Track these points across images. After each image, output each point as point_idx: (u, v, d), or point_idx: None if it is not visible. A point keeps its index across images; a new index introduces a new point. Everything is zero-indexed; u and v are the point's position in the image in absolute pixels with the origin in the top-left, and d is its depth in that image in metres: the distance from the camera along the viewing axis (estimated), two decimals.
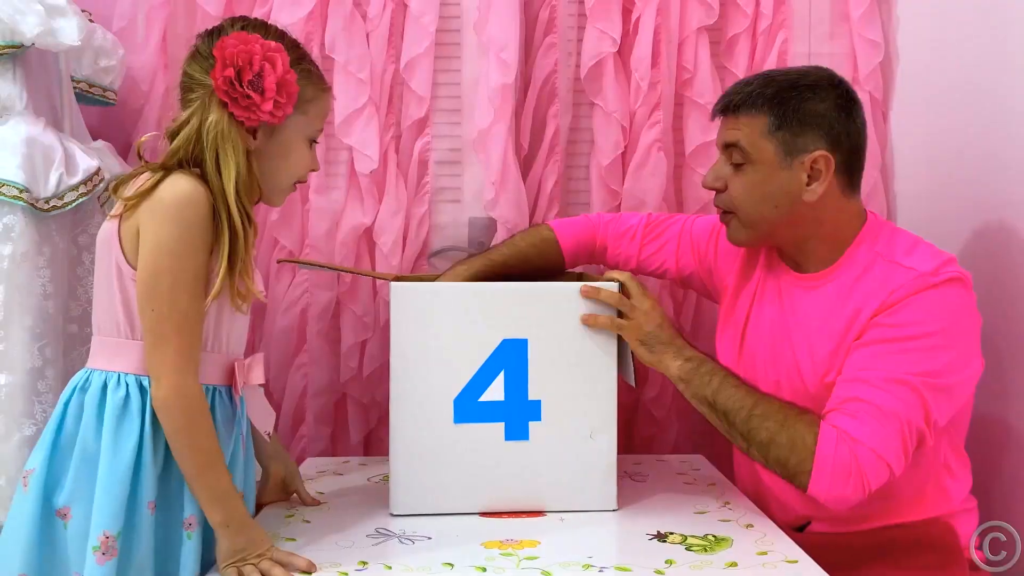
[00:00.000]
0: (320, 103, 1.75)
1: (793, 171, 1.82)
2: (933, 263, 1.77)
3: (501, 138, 2.41)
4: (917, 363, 1.72)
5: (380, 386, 2.50)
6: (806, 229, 1.88)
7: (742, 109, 1.85)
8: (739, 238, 1.93)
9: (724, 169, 1.90)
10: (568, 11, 2.50)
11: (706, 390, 1.84)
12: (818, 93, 1.83)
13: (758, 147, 1.83)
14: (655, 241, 2.20)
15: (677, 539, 1.71)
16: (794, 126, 1.81)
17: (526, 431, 1.87)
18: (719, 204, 1.93)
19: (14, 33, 1.89)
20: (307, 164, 1.76)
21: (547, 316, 1.87)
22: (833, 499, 1.71)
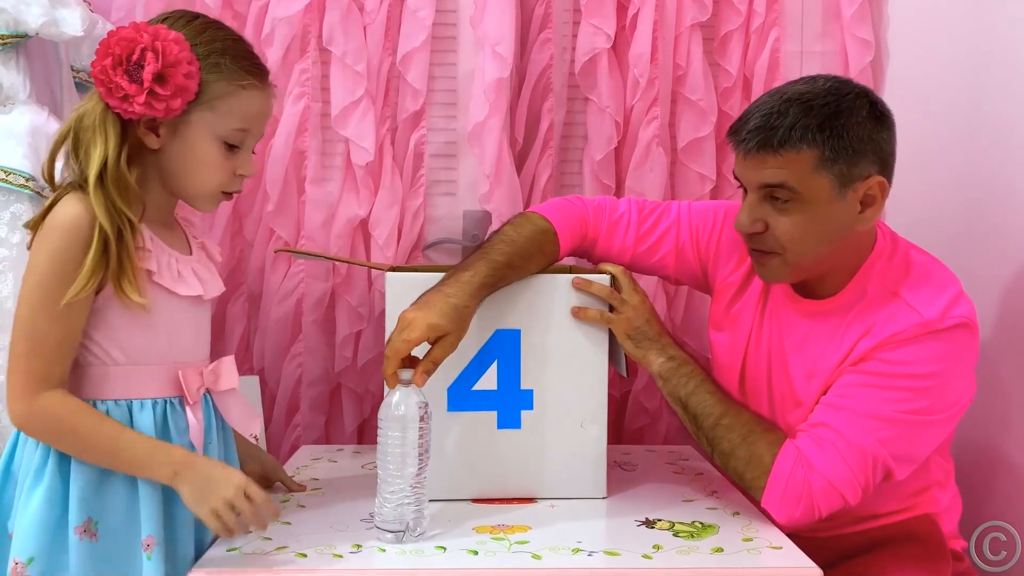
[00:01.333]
0: (234, 100, 1.62)
1: (847, 202, 1.73)
2: (939, 307, 1.73)
3: (496, 132, 2.44)
4: (900, 402, 1.72)
5: (374, 376, 2.53)
6: (839, 258, 1.81)
7: (787, 145, 1.69)
8: (779, 277, 1.84)
9: (761, 209, 1.76)
10: (563, 7, 2.53)
11: (681, 391, 1.87)
12: (862, 112, 1.72)
13: (810, 184, 1.71)
14: (648, 236, 2.04)
15: (665, 525, 1.75)
16: (848, 155, 1.70)
17: (518, 420, 1.91)
18: (757, 246, 1.81)
19: (18, 23, 1.92)
20: (219, 167, 1.64)
21: (540, 307, 1.91)
22: (783, 518, 1.75)
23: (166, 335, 1.63)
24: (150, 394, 1.62)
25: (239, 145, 1.65)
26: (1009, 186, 2.02)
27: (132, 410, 1.60)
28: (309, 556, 1.58)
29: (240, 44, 1.66)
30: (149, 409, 1.61)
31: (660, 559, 1.58)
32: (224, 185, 1.66)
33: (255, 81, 1.65)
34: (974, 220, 2.13)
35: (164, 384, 1.63)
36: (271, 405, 2.55)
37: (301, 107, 2.48)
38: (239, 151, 1.66)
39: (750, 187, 1.78)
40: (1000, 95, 2.06)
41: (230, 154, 1.64)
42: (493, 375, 1.90)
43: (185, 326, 1.67)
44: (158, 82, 1.52)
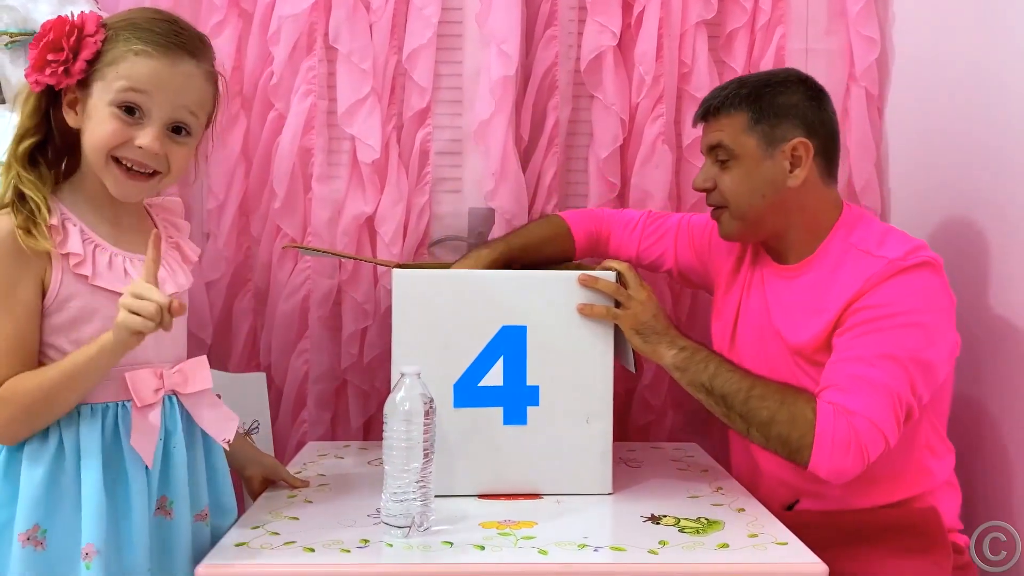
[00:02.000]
0: (124, 63, 1.57)
1: (775, 160, 1.95)
2: (903, 249, 1.85)
3: (501, 129, 2.45)
4: (896, 340, 1.80)
5: (380, 373, 2.54)
6: (790, 217, 1.98)
7: (721, 111, 1.99)
8: (731, 231, 2.03)
9: (711, 170, 2.02)
10: (569, 4, 2.54)
11: (702, 376, 1.89)
12: (788, 87, 1.98)
13: (740, 143, 1.96)
14: (655, 233, 2.30)
15: (670, 521, 1.76)
16: (771, 118, 1.95)
17: (524, 416, 1.91)
18: (711, 203, 2.05)
19: (27, 21, 1.93)
20: (110, 133, 1.57)
21: (546, 304, 1.92)
22: (835, 472, 1.77)
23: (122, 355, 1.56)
24: (100, 399, 1.59)
25: (136, 111, 1.58)
26: (1015, 184, 2.02)
27: (80, 414, 1.57)
28: (316, 551, 1.59)
29: (157, 22, 1.61)
30: (99, 414, 1.58)
31: (666, 554, 1.59)
32: (117, 151, 1.58)
33: (150, 49, 1.58)
34: (979, 217, 2.13)
35: (117, 388, 1.60)
36: (277, 401, 2.56)
37: (307, 105, 2.48)
38: (142, 123, 1.58)
39: (704, 153, 2.06)
40: (1006, 93, 2.06)
41: (128, 120, 1.57)
42: (499, 371, 1.91)
43: None
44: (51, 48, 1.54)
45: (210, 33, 2.37)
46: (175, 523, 1.65)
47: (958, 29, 2.26)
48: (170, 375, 1.66)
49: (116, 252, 1.62)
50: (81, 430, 1.56)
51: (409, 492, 1.65)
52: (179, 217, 1.83)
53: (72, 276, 1.56)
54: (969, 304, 2.10)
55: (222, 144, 2.45)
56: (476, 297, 1.91)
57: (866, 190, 2.52)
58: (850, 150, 2.52)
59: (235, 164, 2.49)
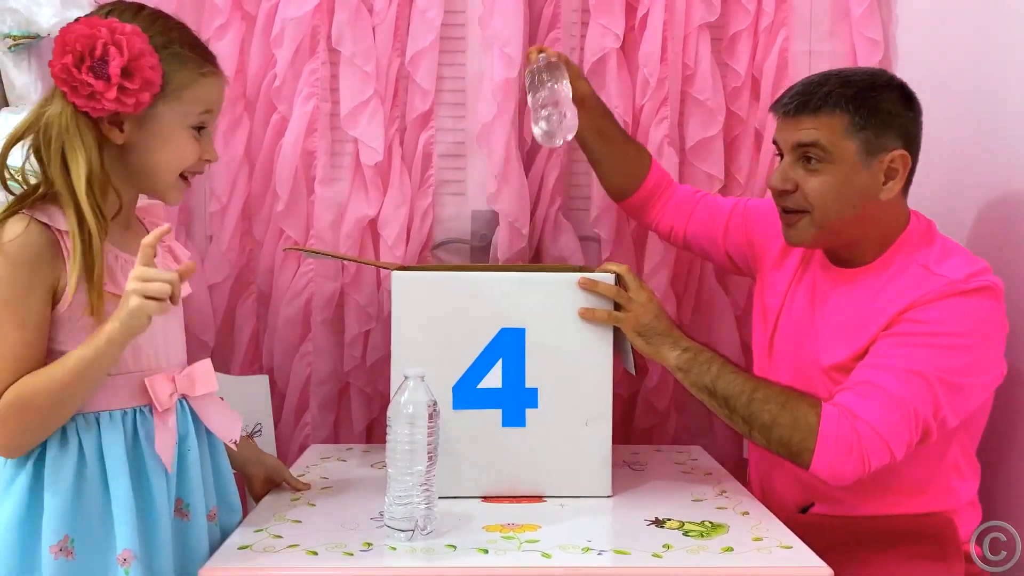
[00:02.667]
0: (198, 88, 1.62)
1: (872, 171, 1.86)
2: (965, 271, 1.81)
3: (504, 132, 2.44)
4: (935, 359, 1.77)
5: (383, 375, 2.53)
6: (867, 228, 1.92)
7: (823, 109, 1.87)
8: (805, 238, 1.94)
9: (794, 170, 1.91)
10: (571, 7, 2.53)
11: (705, 378, 1.88)
12: (891, 93, 1.89)
13: (839, 146, 1.86)
14: (708, 211, 2.28)
15: (674, 525, 1.75)
16: (876, 125, 1.85)
17: (523, 418, 1.91)
18: (787, 205, 1.94)
19: (30, 24, 1.93)
20: (191, 154, 1.64)
21: (545, 306, 1.92)
22: (834, 475, 1.76)
23: (136, 344, 1.57)
24: (118, 405, 1.59)
25: (204, 128, 1.66)
26: (1018, 188, 2.02)
27: (100, 422, 1.56)
28: (320, 554, 1.59)
29: (189, 33, 1.65)
30: (118, 420, 1.58)
31: (670, 558, 1.58)
32: (190, 169, 1.67)
33: (212, 67, 1.66)
34: (985, 219, 2.13)
35: (133, 393, 1.60)
36: (280, 404, 2.55)
37: (310, 107, 2.48)
38: (203, 136, 1.66)
39: (786, 148, 1.94)
40: (1010, 94, 2.06)
41: (196, 138, 1.65)
42: (498, 373, 1.91)
43: (148, 332, 1.54)
44: (125, 76, 1.50)
45: (213, 36, 2.38)
46: (192, 524, 1.66)
47: (961, 32, 2.26)
48: (181, 379, 1.66)
49: (126, 258, 1.62)
50: (103, 438, 1.56)
51: (412, 495, 1.65)
52: (162, 220, 1.81)
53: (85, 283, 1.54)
54: None
55: (225, 147, 2.44)
56: (475, 299, 1.91)
57: None
58: None
59: (238, 167, 2.49)
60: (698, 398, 1.92)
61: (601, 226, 2.52)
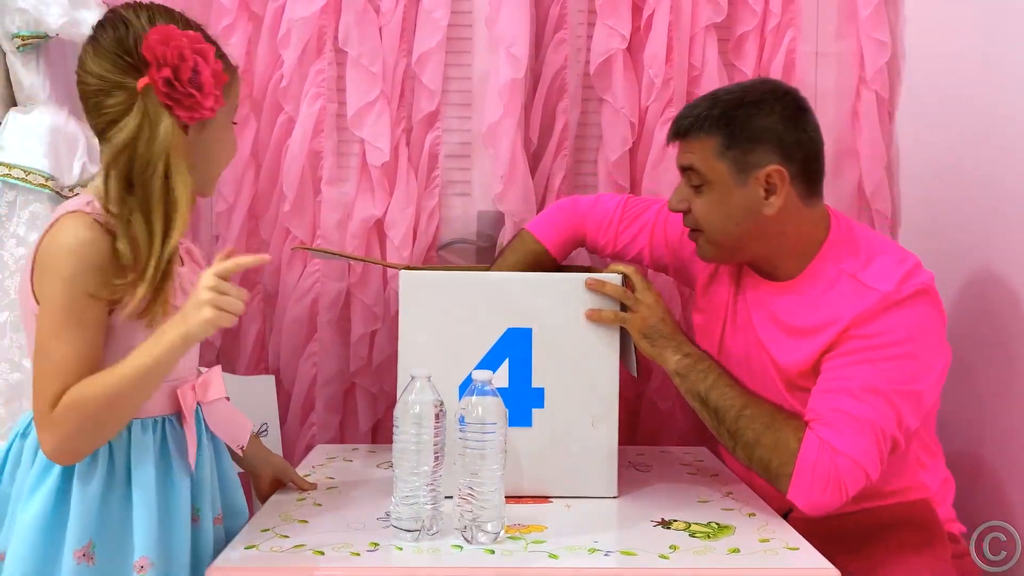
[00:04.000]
0: (236, 85, 1.70)
1: (749, 187, 1.87)
2: (894, 279, 1.81)
3: (510, 132, 2.45)
4: (887, 373, 1.78)
5: (389, 376, 2.54)
6: (772, 242, 1.91)
7: (692, 133, 1.90)
8: (707, 255, 1.97)
9: (685, 191, 1.94)
10: (578, 7, 2.53)
11: (700, 386, 1.89)
12: (763, 108, 1.88)
13: (712, 168, 1.88)
14: (631, 227, 2.23)
15: (681, 526, 1.75)
16: (743, 143, 1.86)
17: (529, 418, 1.91)
18: (687, 224, 1.97)
19: (39, 24, 1.93)
20: (234, 148, 1.74)
21: (551, 306, 1.92)
22: (811, 505, 1.78)
23: None
24: (150, 413, 1.60)
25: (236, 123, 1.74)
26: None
27: (132, 430, 1.57)
28: (326, 553, 1.59)
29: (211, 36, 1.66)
30: (149, 428, 1.59)
31: (677, 559, 1.59)
32: None
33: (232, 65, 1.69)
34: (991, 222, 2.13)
35: (164, 402, 1.62)
36: (286, 404, 2.55)
37: (317, 108, 2.48)
38: None
39: (680, 172, 1.96)
40: (1018, 96, 2.05)
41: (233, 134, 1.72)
42: (505, 373, 1.91)
43: None
44: (215, 84, 1.55)
45: (220, 35, 2.36)
46: (202, 529, 1.67)
47: (969, 32, 2.26)
48: (198, 387, 1.66)
49: None
50: (133, 445, 1.57)
51: (419, 495, 1.65)
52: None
53: None
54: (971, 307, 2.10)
55: None
56: (482, 299, 1.91)
57: (876, 194, 2.51)
58: (860, 154, 2.51)
59: (245, 167, 2.50)
60: (691, 405, 1.93)
61: None
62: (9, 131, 1.94)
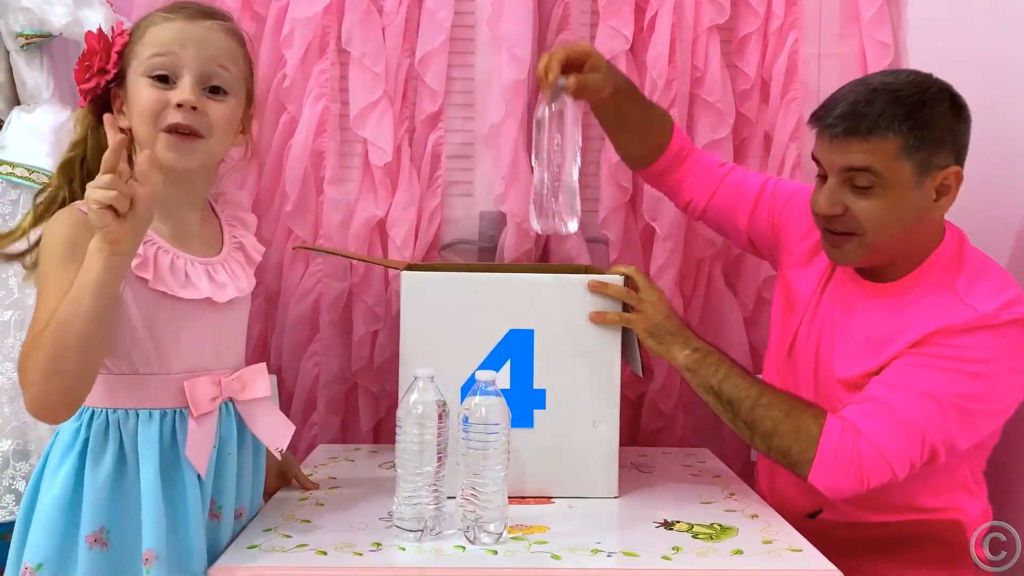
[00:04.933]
0: (148, 34, 1.61)
1: (924, 189, 1.80)
2: (996, 303, 1.76)
3: (512, 133, 2.45)
4: (953, 384, 1.75)
5: (390, 376, 2.54)
6: (910, 245, 1.86)
7: (875, 131, 1.77)
8: (853, 259, 1.89)
9: (841, 192, 1.83)
10: (581, 8, 2.53)
11: (712, 379, 1.88)
12: (942, 105, 1.80)
13: (893, 169, 1.78)
14: (733, 186, 2.17)
15: (683, 527, 1.75)
16: (931, 144, 1.77)
17: (531, 419, 1.91)
18: (836, 228, 1.86)
19: (43, 23, 1.93)
20: (152, 100, 1.58)
21: (553, 307, 1.92)
22: (831, 488, 1.76)
23: (172, 342, 1.59)
24: (156, 404, 1.59)
25: (170, 76, 1.60)
26: None
27: (139, 420, 1.57)
28: (329, 554, 1.59)
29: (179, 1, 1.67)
30: (156, 420, 1.58)
31: (679, 560, 1.58)
32: (159, 118, 1.59)
33: (171, 15, 1.64)
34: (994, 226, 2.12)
35: (174, 394, 1.60)
36: (288, 404, 2.55)
37: (320, 108, 2.48)
38: (176, 86, 1.60)
39: (831, 170, 1.84)
40: (1021, 99, 2.05)
41: (163, 88, 1.59)
42: (506, 374, 1.91)
43: (196, 332, 1.63)
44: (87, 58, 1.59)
45: None
46: (223, 526, 1.67)
47: (972, 35, 2.26)
48: (228, 382, 1.66)
49: (178, 255, 1.62)
50: (139, 436, 1.57)
51: (422, 495, 1.65)
52: (246, 211, 1.83)
53: (133, 279, 1.55)
54: None
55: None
56: (484, 299, 1.91)
57: None
58: None
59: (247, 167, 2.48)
60: (703, 399, 1.92)
61: (609, 228, 2.52)
62: (12, 130, 1.94)
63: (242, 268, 1.74)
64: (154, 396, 1.59)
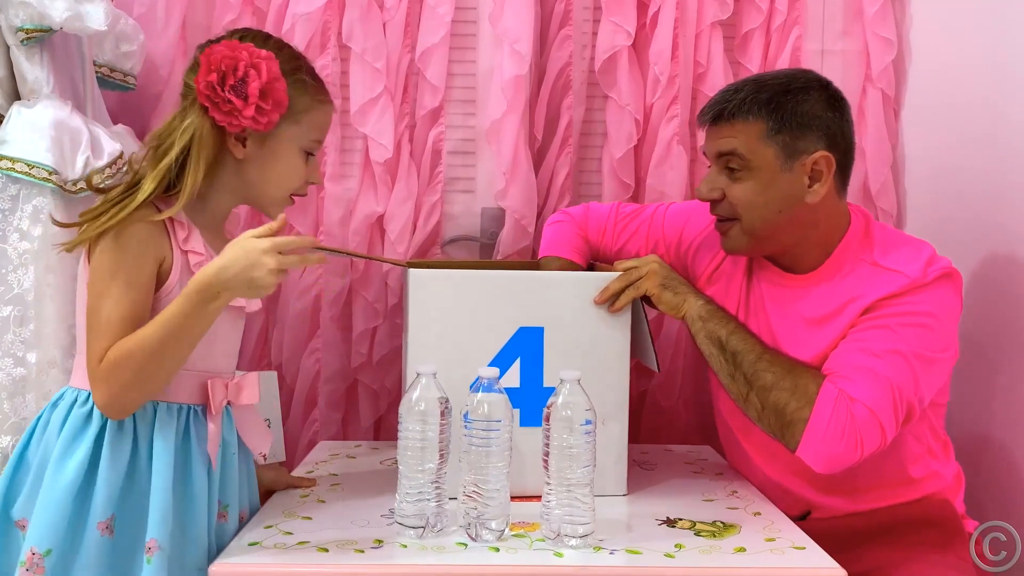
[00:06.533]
0: (315, 114, 1.76)
1: (794, 174, 1.85)
2: (919, 265, 1.83)
3: (513, 129, 2.45)
4: (908, 338, 1.79)
5: (390, 372, 2.54)
6: (802, 232, 1.90)
7: (737, 115, 1.86)
8: (739, 246, 1.94)
9: (719, 178, 1.91)
10: (583, 4, 2.53)
11: (721, 331, 1.89)
12: (811, 94, 1.87)
13: (757, 152, 1.85)
14: (628, 227, 2.22)
15: (686, 525, 1.76)
16: (793, 128, 1.84)
17: (540, 418, 1.91)
18: (718, 213, 1.94)
19: (43, 17, 1.92)
20: (300, 175, 1.76)
21: (563, 304, 1.92)
22: (824, 458, 1.76)
23: (204, 343, 1.62)
24: (176, 399, 1.65)
25: (313, 154, 1.79)
26: None
27: (157, 411, 1.62)
28: (330, 551, 1.59)
29: (309, 63, 1.79)
30: (174, 414, 1.64)
31: (682, 558, 1.59)
32: (297, 191, 1.78)
33: (326, 97, 1.80)
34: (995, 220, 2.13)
35: (192, 391, 1.67)
36: (289, 400, 2.56)
37: None
38: (311, 160, 1.78)
39: (710, 158, 1.94)
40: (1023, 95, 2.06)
41: (305, 162, 1.77)
42: (516, 372, 1.90)
43: (222, 336, 1.71)
44: (262, 97, 1.63)
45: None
46: (229, 526, 1.72)
47: (975, 30, 2.26)
48: (232, 386, 1.72)
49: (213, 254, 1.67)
50: (156, 428, 1.62)
51: (424, 492, 1.65)
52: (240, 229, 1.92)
53: (189, 275, 1.60)
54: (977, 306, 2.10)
55: None
56: (493, 297, 1.90)
57: (882, 193, 2.51)
58: (866, 152, 2.51)
59: None
60: (705, 352, 1.92)
61: None
62: (12, 125, 1.93)
63: None
64: (175, 391, 1.65)
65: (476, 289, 1.91)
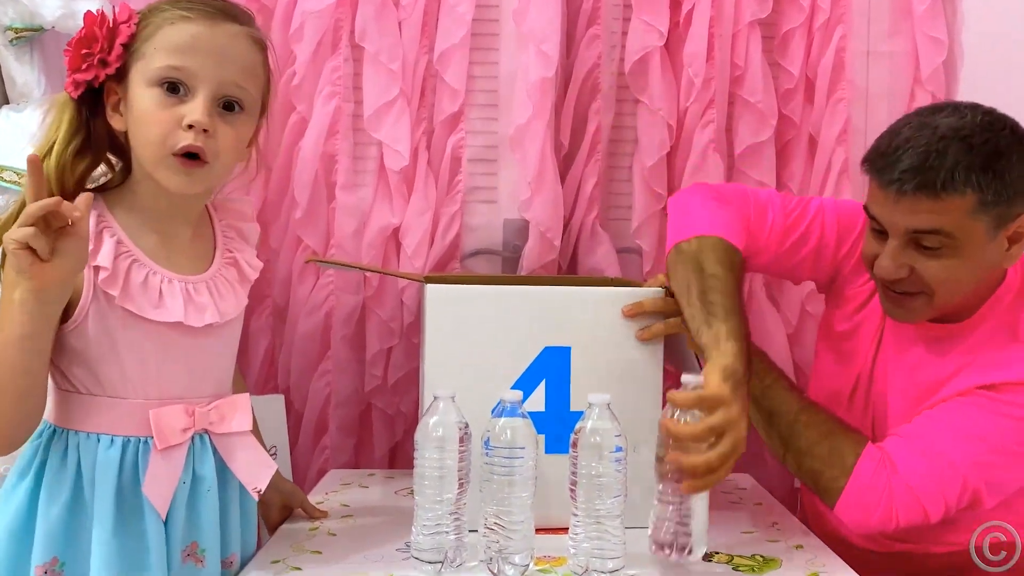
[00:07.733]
0: (160, 36, 1.53)
1: (997, 241, 1.73)
2: None
3: (539, 135, 2.42)
4: (1011, 431, 1.72)
5: (406, 396, 2.52)
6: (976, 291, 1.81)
7: (948, 189, 1.66)
8: (919, 318, 1.83)
9: (906, 253, 1.75)
10: (613, 2, 2.51)
11: (756, 387, 1.83)
12: (1015, 151, 1.71)
13: (966, 228, 1.70)
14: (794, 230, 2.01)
15: (723, 559, 1.73)
16: (1010, 197, 1.69)
17: (567, 445, 1.87)
18: (900, 289, 1.80)
19: (34, 16, 1.92)
20: (158, 117, 1.51)
21: (592, 323, 1.89)
22: (857, 523, 1.76)
23: (138, 364, 1.54)
24: (118, 430, 1.54)
25: (181, 88, 1.53)
26: None
27: (100, 444, 1.53)
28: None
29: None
30: (118, 447, 1.54)
31: None
32: (168, 138, 1.52)
33: (187, 13, 1.54)
34: None
35: (138, 422, 1.55)
36: (297, 426, 2.53)
37: (332, 108, 2.46)
38: (187, 99, 1.53)
39: (894, 230, 1.76)
40: None
41: (173, 101, 1.52)
42: (541, 395, 1.87)
43: (166, 356, 1.57)
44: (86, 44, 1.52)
45: None
46: (207, 571, 1.61)
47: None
48: (203, 413, 1.61)
49: (155, 270, 1.57)
50: (97, 462, 1.53)
51: (442, 525, 1.62)
52: (248, 221, 1.80)
53: (100, 293, 1.51)
54: None
55: None
56: (517, 315, 1.87)
57: None
58: None
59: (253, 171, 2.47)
60: None
61: (642, 237, 2.49)
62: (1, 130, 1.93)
63: (231, 288, 1.69)
64: (117, 421, 1.54)
65: (498, 306, 1.88)
